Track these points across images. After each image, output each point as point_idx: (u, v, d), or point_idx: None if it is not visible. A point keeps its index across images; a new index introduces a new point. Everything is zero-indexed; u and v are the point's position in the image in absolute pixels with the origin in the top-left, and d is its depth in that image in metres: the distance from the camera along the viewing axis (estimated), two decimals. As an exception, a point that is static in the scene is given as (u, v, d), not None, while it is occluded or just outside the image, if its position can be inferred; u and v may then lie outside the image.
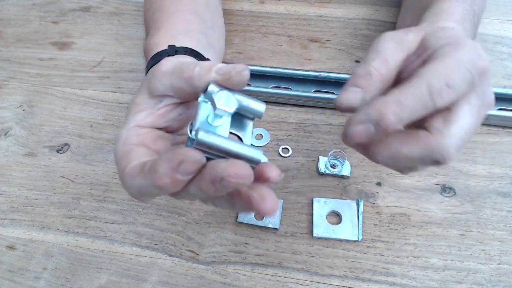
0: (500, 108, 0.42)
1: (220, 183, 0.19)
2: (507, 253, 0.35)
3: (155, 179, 0.20)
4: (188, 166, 0.20)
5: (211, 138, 0.20)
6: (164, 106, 0.26)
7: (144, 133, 0.25)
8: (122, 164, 0.24)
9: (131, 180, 0.23)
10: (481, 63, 0.23)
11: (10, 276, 0.37)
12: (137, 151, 0.24)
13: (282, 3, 0.56)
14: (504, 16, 0.52)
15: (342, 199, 0.39)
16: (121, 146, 0.25)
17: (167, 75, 0.25)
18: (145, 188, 0.22)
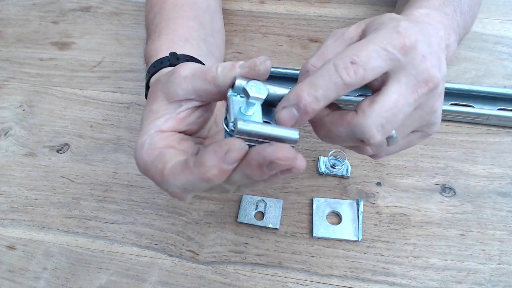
0: (500, 108, 0.42)
1: (267, 167, 0.21)
2: (507, 253, 0.35)
3: (204, 172, 0.21)
4: (234, 154, 0.21)
5: (250, 126, 0.21)
6: (184, 110, 0.26)
7: (168, 136, 0.26)
8: (158, 167, 0.24)
9: (175, 179, 0.23)
10: (402, 41, 0.23)
11: (10, 276, 0.37)
12: (169, 152, 0.25)
13: (282, 3, 0.56)
14: (504, 16, 0.52)
15: (342, 199, 0.39)
16: (147, 151, 0.25)
17: (187, 80, 0.25)
18: (191, 184, 0.22)
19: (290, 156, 0.21)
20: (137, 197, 0.40)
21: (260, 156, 0.21)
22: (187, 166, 0.22)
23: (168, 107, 0.26)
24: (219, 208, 0.39)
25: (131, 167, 0.43)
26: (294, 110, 0.23)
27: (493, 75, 0.46)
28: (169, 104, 0.26)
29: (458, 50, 0.49)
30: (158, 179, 0.24)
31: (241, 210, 0.38)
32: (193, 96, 0.26)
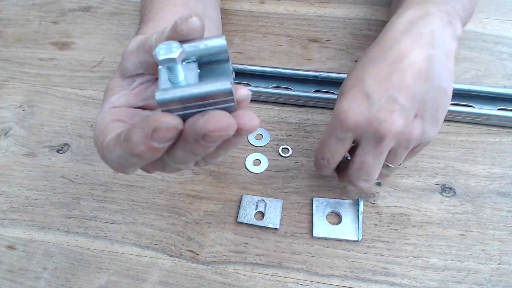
0: (500, 108, 0.42)
1: (204, 141, 0.19)
2: (507, 253, 0.35)
3: (131, 148, 0.20)
4: (163, 133, 0.19)
5: (170, 93, 0.19)
6: (138, 85, 0.25)
7: (118, 111, 0.25)
8: (99, 140, 0.23)
9: (109, 153, 0.22)
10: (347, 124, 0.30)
11: (10, 276, 0.37)
12: (113, 125, 0.24)
13: (282, 3, 0.56)
14: (504, 16, 0.52)
15: (342, 199, 0.39)
16: (96, 127, 0.24)
17: (133, 53, 0.24)
18: (124, 159, 0.21)
19: (222, 126, 0.18)
20: (137, 197, 0.40)
21: (192, 130, 0.19)
22: (118, 140, 0.21)
23: (122, 83, 0.25)
24: (219, 208, 0.39)
25: (131, 167, 0.43)
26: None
27: (493, 75, 0.46)
28: (123, 80, 0.25)
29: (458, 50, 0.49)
30: (99, 153, 0.23)
31: (241, 210, 0.38)
32: (141, 70, 0.25)
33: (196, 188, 0.40)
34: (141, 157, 0.20)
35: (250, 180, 0.41)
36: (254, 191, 0.40)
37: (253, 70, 0.46)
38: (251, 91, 0.22)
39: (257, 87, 0.45)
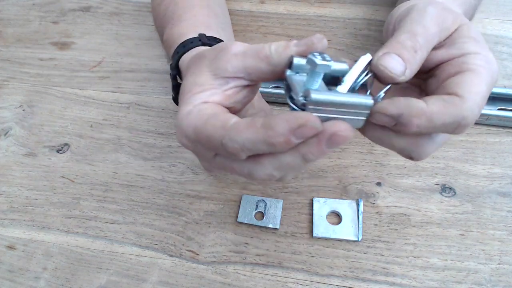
0: (500, 108, 0.42)
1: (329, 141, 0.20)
2: (507, 253, 0.35)
3: (270, 135, 0.20)
4: (306, 131, 0.20)
5: (323, 95, 0.20)
6: (231, 88, 0.25)
7: (216, 106, 0.24)
8: (218, 123, 0.22)
9: (238, 134, 0.21)
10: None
11: (10, 276, 0.37)
12: (224, 114, 0.23)
13: (282, 3, 0.56)
14: (504, 16, 0.52)
15: (342, 199, 0.39)
16: (197, 117, 0.24)
17: (238, 57, 0.24)
18: (252, 143, 0.21)
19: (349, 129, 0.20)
20: (137, 197, 0.40)
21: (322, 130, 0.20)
22: (253, 125, 0.21)
23: (214, 82, 0.25)
24: (219, 208, 0.39)
25: (131, 167, 0.43)
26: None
27: (493, 75, 0.46)
28: (215, 79, 0.25)
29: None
30: (216, 135, 0.22)
31: (241, 210, 0.38)
32: (242, 75, 0.25)
33: (196, 188, 0.40)
34: (274, 147, 0.21)
35: (250, 180, 0.41)
36: (254, 191, 0.40)
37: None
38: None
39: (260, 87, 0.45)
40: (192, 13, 0.40)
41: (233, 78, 0.25)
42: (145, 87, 0.49)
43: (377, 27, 0.51)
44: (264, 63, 0.24)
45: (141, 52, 0.53)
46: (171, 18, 0.40)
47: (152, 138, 0.45)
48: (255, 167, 0.23)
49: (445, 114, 0.21)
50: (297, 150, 0.21)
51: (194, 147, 0.25)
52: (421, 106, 0.21)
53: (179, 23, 0.38)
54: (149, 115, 0.47)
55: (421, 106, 0.21)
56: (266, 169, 0.22)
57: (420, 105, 0.21)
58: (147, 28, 0.55)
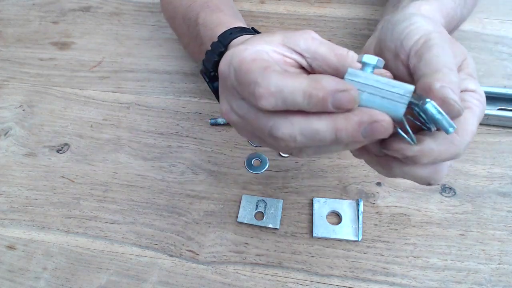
0: (500, 108, 0.42)
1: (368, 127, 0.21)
2: (507, 253, 0.35)
3: (314, 86, 0.20)
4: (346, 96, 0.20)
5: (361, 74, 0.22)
6: (292, 58, 0.26)
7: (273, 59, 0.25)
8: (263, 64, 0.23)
9: (278, 79, 0.21)
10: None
11: (10, 276, 0.37)
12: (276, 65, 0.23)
13: (282, 3, 0.56)
14: (504, 16, 0.52)
15: (342, 199, 0.39)
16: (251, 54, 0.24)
17: (315, 41, 0.25)
18: (289, 91, 0.21)
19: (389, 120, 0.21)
20: (137, 197, 0.40)
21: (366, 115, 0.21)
22: (299, 75, 0.21)
23: (280, 46, 0.25)
24: (219, 208, 0.39)
25: (131, 167, 0.43)
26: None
27: (493, 75, 0.46)
28: (283, 45, 0.25)
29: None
30: (256, 71, 0.22)
31: (241, 210, 0.38)
32: (308, 56, 0.25)
33: (196, 188, 0.40)
34: (311, 99, 0.21)
35: (250, 180, 0.41)
36: (254, 191, 0.40)
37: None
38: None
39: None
40: (219, 7, 0.39)
41: (299, 54, 0.25)
42: (145, 87, 0.49)
43: (377, 27, 0.51)
44: (336, 60, 0.25)
45: (141, 52, 0.53)
46: (207, 6, 0.39)
47: (152, 138, 0.45)
48: (282, 122, 0.22)
49: (448, 153, 0.23)
50: (333, 120, 0.21)
51: (228, 80, 0.24)
52: (432, 148, 0.23)
53: (221, 12, 0.37)
54: (149, 115, 0.47)
55: (431, 148, 0.23)
56: (293, 128, 0.22)
57: (431, 146, 0.23)
58: (147, 28, 0.55)
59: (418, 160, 0.23)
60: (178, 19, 0.45)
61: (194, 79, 0.49)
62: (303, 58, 0.26)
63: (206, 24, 0.37)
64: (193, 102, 0.47)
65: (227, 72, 0.24)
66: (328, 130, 0.21)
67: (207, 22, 0.37)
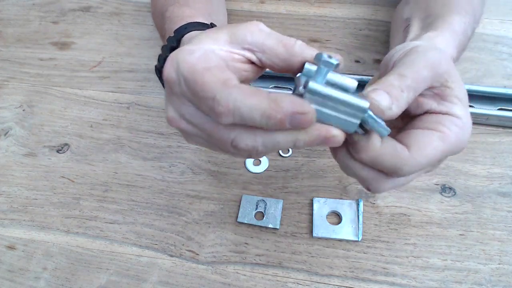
0: (500, 108, 0.42)
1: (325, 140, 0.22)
2: (507, 253, 0.35)
3: (273, 108, 0.20)
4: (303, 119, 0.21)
5: (322, 87, 0.22)
6: (240, 55, 0.25)
7: (222, 61, 0.24)
8: (220, 76, 0.22)
9: (239, 95, 0.21)
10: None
11: (10, 276, 0.37)
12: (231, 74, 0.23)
13: (282, 3, 0.56)
14: (504, 16, 0.52)
15: (342, 199, 0.39)
16: (200, 58, 0.23)
17: (262, 33, 0.25)
18: (248, 109, 0.21)
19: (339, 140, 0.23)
20: (137, 197, 0.40)
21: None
22: (259, 93, 0.21)
23: (227, 45, 0.25)
24: (219, 208, 0.39)
25: (131, 167, 0.43)
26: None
27: (493, 75, 0.46)
28: (230, 42, 0.25)
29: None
30: (213, 86, 0.21)
31: (241, 210, 0.38)
32: (257, 50, 0.25)
33: (196, 188, 0.40)
34: (269, 120, 0.21)
35: (250, 180, 0.41)
36: (254, 191, 0.40)
37: (253, 70, 0.46)
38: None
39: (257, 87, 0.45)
40: (192, 5, 0.39)
41: (247, 49, 0.25)
42: (145, 87, 0.49)
43: (377, 27, 0.51)
44: (283, 50, 0.24)
45: (141, 52, 0.53)
46: (177, 1, 0.39)
47: (152, 138, 0.45)
48: (244, 135, 0.22)
49: (389, 161, 0.24)
50: (294, 134, 0.22)
51: (177, 87, 0.23)
52: (375, 144, 0.23)
53: (187, 7, 0.37)
54: (149, 115, 0.47)
55: (374, 144, 0.23)
56: (256, 140, 0.22)
57: (375, 142, 0.23)
58: (147, 28, 0.55)
59: (359, 151, 0.23)
60: (157, 15, 0.44)
61: (194, 79, 0.49)
62: (252, 53, 0.25)
63: (171, 18, 0.36)
64: (193, 102, 0.47)
65: (174, 78, 0.23)
66: (289, 141, 0.22)
67: (172, 16, 0.36)
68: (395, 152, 0.24)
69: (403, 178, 0.26)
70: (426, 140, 0.24)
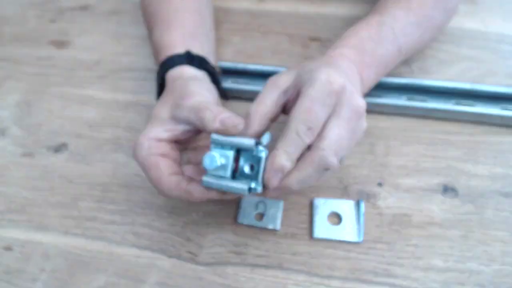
0: (502, 108, 0.41)
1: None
2: (510, 254, 0.35)
3: (191, 198, 0.32)
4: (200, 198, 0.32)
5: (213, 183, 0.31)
6: (181, 129, 0.34)
7: (163, 146, 0.33)
8: (156, 175, 0.32)
9: (169, 190, 0.32)
10: (335, 87, 0.30)
11: (7, 278, 0.36)
12: (163, 163, 0.33)
13: (282, 1, 0.55)
14: (507, 15, 0.51)
15: (342, 199, 0.38)
16: (145, 155, 0.33)
17: (187, 110, 0.32)
18: (179, 196, 0.32)
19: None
20: (136, 198, 0.40)
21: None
22: (180, 187, 0.32)
23: (170, 122, 0.34)
24: (219, 209, 0.39)
25: (130, 167, 0.42)
26: (279, 174, 0.29)
27: (495, 74, 0.46)
28: (171, 120, 0.34)
29: (460, 49, 0.48)
30: (154, 182, 0.33)
31: (240, 211, 0.38)
32: (187, 122, 0.33)
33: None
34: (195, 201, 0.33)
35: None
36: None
37: (253, 69, 0.45)
38: (252, 91, 0.27)
39: (257, 87, 0.44)
40: (181, 19, 0.42)
41: (182, 123, 0.33)
42: (144, 86, 0.49)
43: (378, 26, 0.51)
44: (199, 122, 0.32)
45: (139, 51, 0.52)
46: (159, 21, 0.43)
47: (151, 138, 0.44)
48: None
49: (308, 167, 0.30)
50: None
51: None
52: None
53: (168, 29, 0.41)
54: (148, 114, 0.46)
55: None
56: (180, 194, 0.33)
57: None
58: (146, 26, 0.55)
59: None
60: (145, 18, 0.48)
61: (193, 78, 0.49)
62: (187, 124, 0.33)
63: (155, 45, 0.42)
64: (192, 102, 0.47)
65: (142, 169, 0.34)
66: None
67: (157, 45, 0.42)
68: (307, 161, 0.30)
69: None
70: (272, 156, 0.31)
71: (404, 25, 0.40)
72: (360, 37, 0.38)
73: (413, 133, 0.42)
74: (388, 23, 0.39)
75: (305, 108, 0.29)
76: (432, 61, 0.47)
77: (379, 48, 0.38)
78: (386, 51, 0.39)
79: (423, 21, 0.41)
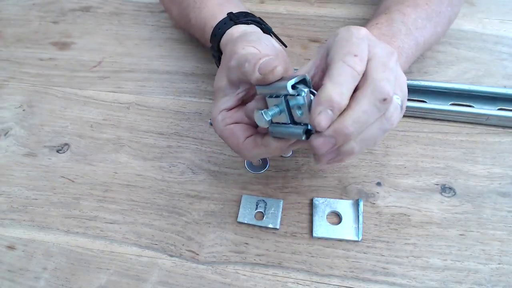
0: (500, 108, 0.42)
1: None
2: (507, 253, 0.35)
3: (269, 152, 0.31)
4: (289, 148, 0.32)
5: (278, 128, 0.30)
6: (241, 91, 0.33)
7: (234, 113, 0.33)
8: (234, 142, 0.33)
9: (249, 152, 0.32)
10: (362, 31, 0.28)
11: (10, 276, 0.37)
12: (237, 129, 0.33)
13: (282, 3, 0.56)
14: (504, 16, 0.52)
15: (342, 199, 0.39)
16: (222, 128, 0.33)
17: (234, 69, 0.31)
18: (260, 154, 0.32)
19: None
20: (137, 197, 0.40)
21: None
22: (256, 144, 0.32)
23: (229, 88, 0.33)
24: (219, 208, 0.39)
25: (131, 167, 0.43)
26: (328, 111, 0.25)
27: (493, 75, 0.46)
28: (230, 85, 0.33)
29: (458, 50, 0.49)
30: (235, 149, 0.33)
31: (241, 210, 0.38)
32: (243, 83, 0.32)
33: (196, 188, 0.40)
34: (274, 154, 0.32)
35: (250, 180, 0.41)
36: (254, 191, 0.40)
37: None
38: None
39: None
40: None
41: (239, 84, 0.33)
42: (145, 87, 0.49)
43: (377, 27, 0.51)
44: (245, 78, 0.30)
45: (141, 52, 0.53)
46: (193, 2, 0.44)
47: (152, 138, 0.45)
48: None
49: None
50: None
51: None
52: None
53: (205, 5, 0.42)
54: (149, 115, 0.47)
55: None
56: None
57: None
58: (147, 28, 0.55)
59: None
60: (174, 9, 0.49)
61: (194, 79, 0.49)
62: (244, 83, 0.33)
63: (197, 25, 0.43)
64: (193, 102, 0.47)
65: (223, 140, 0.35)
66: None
67: (199, 24, 0.42)
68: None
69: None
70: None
71: (415, 19, 0.39)
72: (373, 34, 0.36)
73: (411, 133, 0.43)
74: (398, 19, 0.39)
75: (341, 44, 0.27)
76: (430, 62, 0.48)
77: (393, 42, 0.37)
78: (402, 43, 0.38)
79: (433, 15, 0.41)
